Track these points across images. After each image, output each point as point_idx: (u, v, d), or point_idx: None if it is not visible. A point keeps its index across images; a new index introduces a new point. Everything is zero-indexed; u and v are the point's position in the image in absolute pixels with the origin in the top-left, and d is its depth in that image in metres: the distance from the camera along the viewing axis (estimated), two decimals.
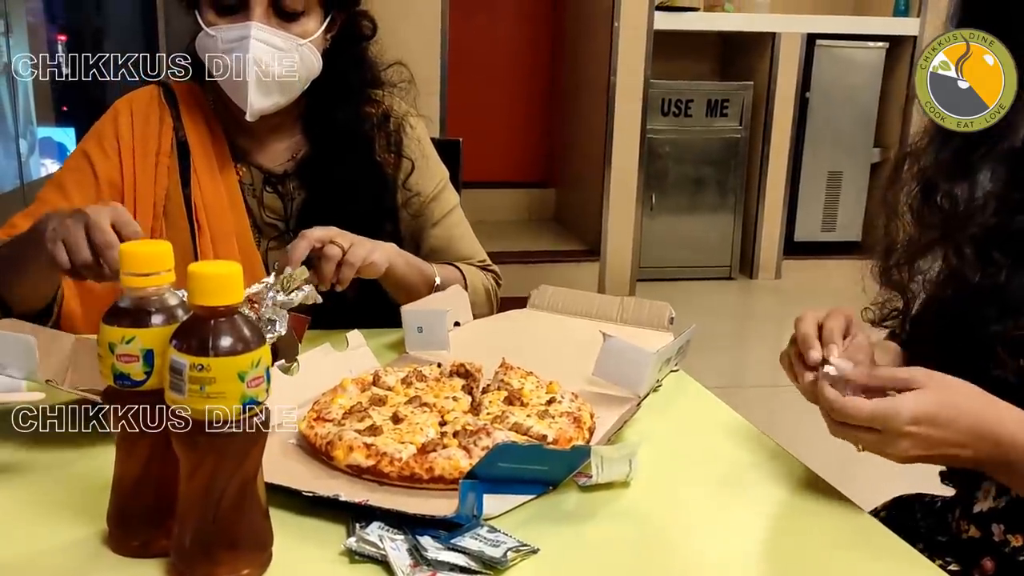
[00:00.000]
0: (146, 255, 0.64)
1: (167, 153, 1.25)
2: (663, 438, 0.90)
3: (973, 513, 0.86)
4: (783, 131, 4.51)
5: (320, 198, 1.28)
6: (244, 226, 1.26)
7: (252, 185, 1.29)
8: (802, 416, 1.07)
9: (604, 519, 0.74)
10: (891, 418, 0.72)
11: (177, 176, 1.25)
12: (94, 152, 1.25)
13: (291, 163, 1.30)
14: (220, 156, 1.27)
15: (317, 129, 1.30)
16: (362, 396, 0.91)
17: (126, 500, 0.66)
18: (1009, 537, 0.81)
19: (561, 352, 1.10)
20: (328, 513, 0.71)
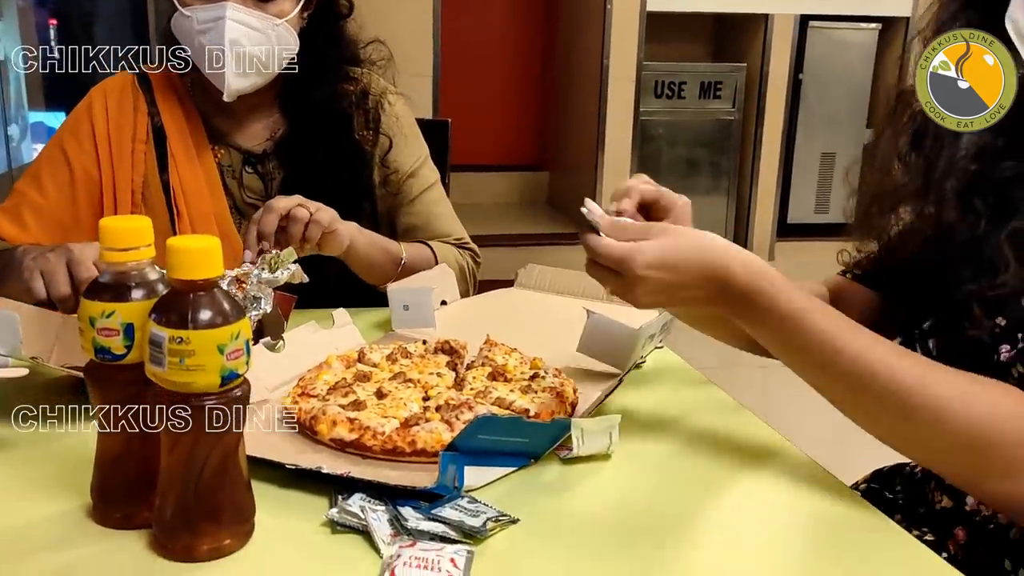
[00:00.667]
0: (126, 230, 0.64)
1: (143, 140, 1.25)
2: (645, 412, 0.91)
3: (945, 484, 0.87)
4: (776, 113, 4.51)
5: (299, 177, 1.28)
6: (223, 209, 1.26)
7: (231, 166, 1.29)
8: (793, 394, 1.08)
9: (584, 491, 0.75)
10: (628, 260, 0.75)
11: (154, 162, 1.25)
12: (69, 143, 1.25)
13: (270, 143, 1.31)
14: (197, 139, 1.27)
15: (295, 108, 1.30)
16: (347, 372, 0.92)
17: (108, 473, 0.67)
18: (982, 507, 0.82)
19: (546, 329, 1.11)
20: (311, 486, 0.72)
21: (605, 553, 0.66)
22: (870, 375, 0.72)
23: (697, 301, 0.79)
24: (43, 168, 1.25)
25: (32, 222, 1.23)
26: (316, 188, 1.24)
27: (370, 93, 1.34)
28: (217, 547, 0.63)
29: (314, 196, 1.21)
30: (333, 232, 1.13)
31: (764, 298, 0.76)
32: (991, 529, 0.80)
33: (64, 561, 0.63)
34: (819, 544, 0.71)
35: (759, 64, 4.46)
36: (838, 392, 0.76)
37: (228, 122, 1.30)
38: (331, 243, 1.14)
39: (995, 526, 0.80)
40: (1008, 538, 0.79)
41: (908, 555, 0.68)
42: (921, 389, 0.71)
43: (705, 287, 0.77)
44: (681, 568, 0.65)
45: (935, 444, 0.72)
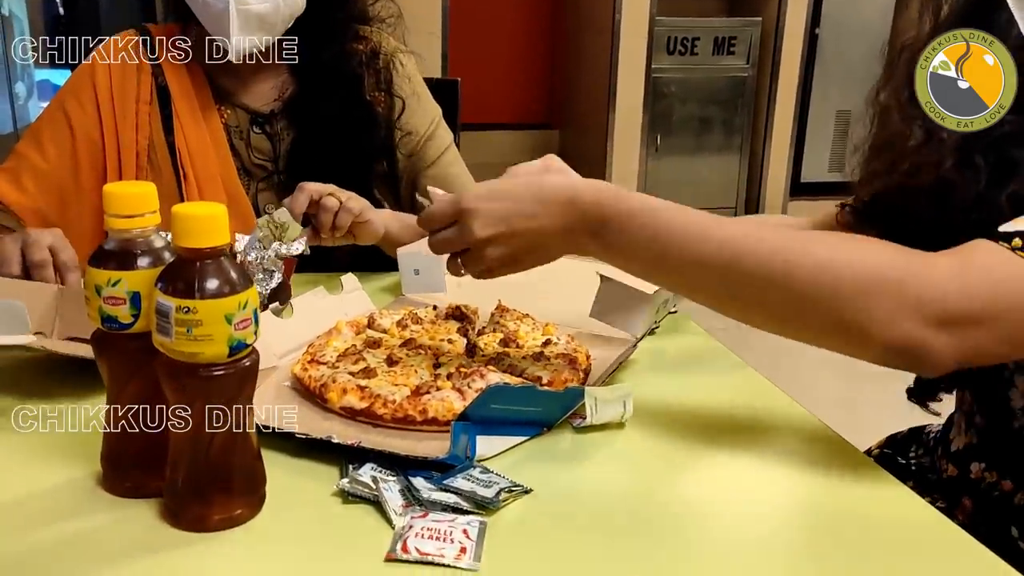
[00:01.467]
0: (130, 196, 0.63)
1: (147, 101, 1.23)
2: (659, 379, 0.90)
3: (951, 452, 0.86)
4: (791, 69, 4.44)
5: (309, 137, 1.26)
6: (230, 170, 1.25)
7: (238, 127, 1.28)
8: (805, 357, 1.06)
9: (598, 460, 0.74)
10: (456, 200, 0.76)
11: (159, 123, 1.23)
12: (71, 104, 1.23)
13: (278, 103, 1.28)
14: (203, 100, 1.25)
15: (304, 69, 1.27)
16: (356, 339, 0.91)
17: (118, 442, 0.66)
18: (986, 475, 0.81)
19: (558, 294, 1.09)
20: (321, 455, 0.71)
21: (619, 524, 0.65)
22: (741, 254, 0.70)
23: (545, 233, 0.75)
24: (44, 129, 1.24)
25: (31, 186, 1.22)
26: (326, 149, 1.22)
27: (380, 52, 1.32)
28: (228, 516, 0.63)
29: (325, 157, 1.19)
30: (366, 222, 1.13)
31: (616, 204, 0.73)
32: (996, 497, 0.80)
33: (75, 530, 0.63)
34: (833, 511, 0.69)
35: (775, 19, 4.37)
36: (712, 285, 0.73)
37: (235, 82, 1.28)
38: (365, 233, 1.14)
39: (999, 494, 0.79)
40: (1013, 504, 0.78)
41: (921, 520, 0.67)
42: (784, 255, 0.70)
43: (549, 209, 0.74)
44: (696, 537, 0.65)
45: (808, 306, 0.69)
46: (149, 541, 0.61)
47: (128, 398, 0.65)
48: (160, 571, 0.58)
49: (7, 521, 0.63)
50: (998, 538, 0.77)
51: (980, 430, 0.84)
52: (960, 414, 0.87)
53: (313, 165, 1.24)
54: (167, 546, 0.61)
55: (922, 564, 0.62)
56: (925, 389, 0.92)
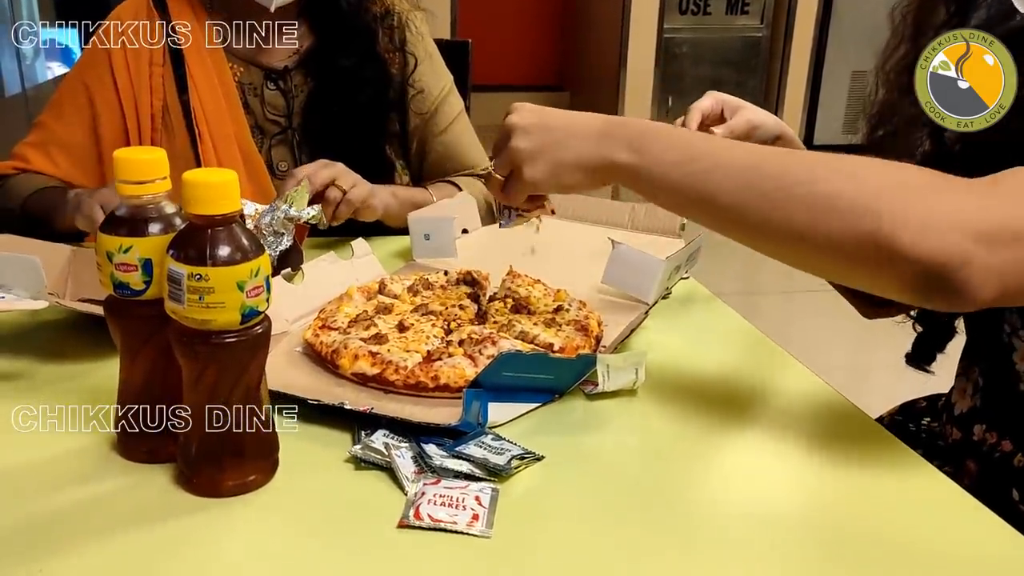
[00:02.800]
0: (141, 162, 0.62)
1: (159, 63, 1.23)
2: (672, 346, 0.90)
3: (955, 416, 0.86)
4: (806, 29, 4.36)
5: (325, 91, 1.27)
6: (243, 128, 1.25)
7: (252, 84, 1.27)
8: (816, 321, 1.06)
9: (610, 428, 0.74)
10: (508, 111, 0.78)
11: (173, 84, 1.23)
12: (89, 76, 1.24)
13: (293, 58, 1.29)
14: (215, 59, 1.25)
15: (322, 20, 1.28)
16: (368, 304, 0.90)
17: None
18: (987, 435, 0.82)
19: (570, 260, 1.08)
20: (334, 421, 0.72)
21: (631, 491, 0.65)
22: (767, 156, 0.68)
23: (577, 129, 0.75)
24: (65, 101, 1.25)
25: (60, 158, 1.24)
26: (342, 103, 1.23)
27: (394, 12, 1.31)
28: (242, 482, 0.63)
29: (339, 112, 1.19)
30: (368, 207, 1.14)
31: (656, 123, 0.74)
32: (996, 459, 0.80)
33: (90, 494, 0.63)
34: (843, 478, 0.70)
35: None
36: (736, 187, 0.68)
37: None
38: (365, 214, 1.16)
39: (1000, 455, 0.80)
40: (1013, 466, 0.78)
41: (928, 485, 0.68)
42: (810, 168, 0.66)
43: (589, 118, 0.76)
44: (707, 505, 0.65)
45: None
46: (163, 506, 0.62)
47: (141, 365, 0.66)
48: (174, 535, 0.59)
49: (24, 486, 0.64)
50: (1001, 500, 0.78)
51: (983, 393, 0.84)
52: (964, 379, 0.87)
53: (327, 121, 1.25)
54: (181, 511, 0.61)
55: (929, 528, 0.63)
56: (923, 353, 0.92)
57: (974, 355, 0.87)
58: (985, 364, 0.84)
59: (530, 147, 0.76)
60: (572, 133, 0.75)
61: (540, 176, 0.77)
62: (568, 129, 0.76)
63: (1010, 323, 0.79)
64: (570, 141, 0.75)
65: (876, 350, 1.88)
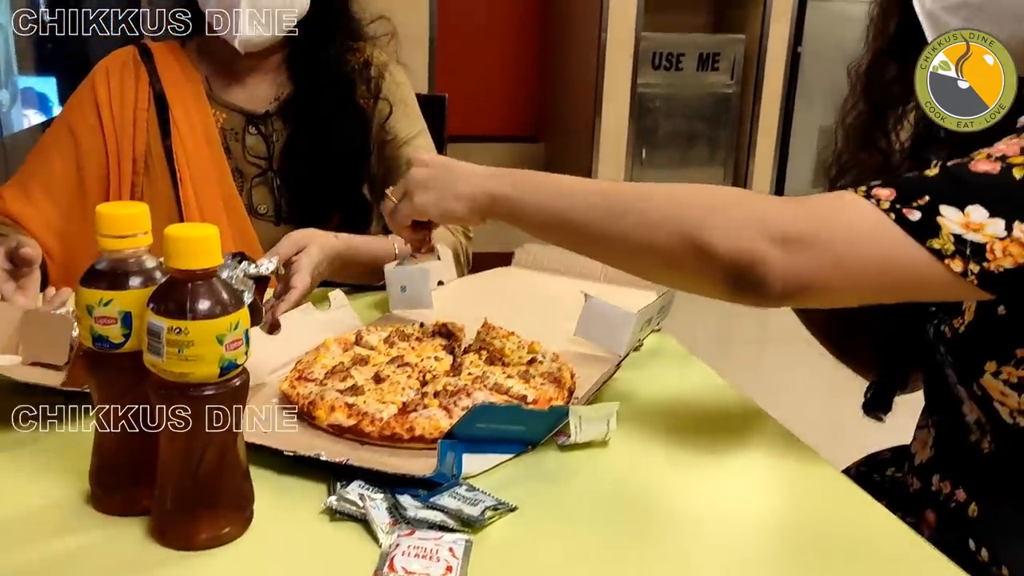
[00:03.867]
0: (123, 217, 0.63)
1: (144, 108, 1.27)
2: (642, 397, 0.91)
3: (915, 466, 0.88)
4: (774, 85, 4.49)
5: (303, 135, 1.30)
6: (224, 172, 1.28)
7: (233, 129, 1.31)
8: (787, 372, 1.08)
9: (582, 478, 0.76)
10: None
11: (157, 129, 1.27)
12: (75, 118, 1.27)
13: (274, 103, 1.32)
14: (199, 104, 1.29)
15: (303, 69, 1.31)
16: (344, 356, 0.91)
17: (107, 460, 0.67)
18: (942, 485, 0.84)
19: (544, 311, 1.10)
20: (309, 472, 0.72)
21: (604, 541, 0.66)
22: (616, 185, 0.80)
23: (469, 171, 0.86)
24: (50, 144, 1.27)
25: (41, 197, 1.25)
26: (318, 148, 1.26)
27: (373, 64, 1.35)
28: (216, 535, 0.63)
29: (316, 155, 1.25)
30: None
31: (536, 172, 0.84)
32: (953, 508, 0.82)
33: (63, 548, 0.63)
34: (809, 529, 0.71)
35: (758, 36, 4.43)
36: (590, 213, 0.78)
37: (232, 87, 1.32)
38: None
39: (956, 505, 0.82)
40: (968, 516, 0.80)
41: (891, 536, 0.69)
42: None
43: (480, 167, 0.86)
44: (678, 554, 0.66)
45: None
46: (137, 559, 0.62)
47: (117, 417, 0.66)
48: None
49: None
50: (959, 550, 0.80)
51: (937, 444, 0.87)
52: (924, 430, 0.89)
53: (306, 164, 1.29)
54: (155, 564, 0.61)
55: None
56: (878, 402, 0.95)
57: (931, 406, 0.89)
58: (939, 415, 0.87)
59: (425, 177, 0.87)
60: (465, 174, 0.86)
61: (427, 201, 0.87)
62: (462, 170, 0.86)
63: (950, 377, 0.82)
64: (460, 178, 0.86)
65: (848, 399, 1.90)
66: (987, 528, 0.79)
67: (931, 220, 0.67)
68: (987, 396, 0.77)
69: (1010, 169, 0.68)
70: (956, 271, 0.66)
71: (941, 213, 0.67)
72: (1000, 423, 0.78)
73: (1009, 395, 0.75)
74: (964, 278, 0.66)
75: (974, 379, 0.78)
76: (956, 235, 0.67)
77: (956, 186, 0.68)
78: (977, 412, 0.80)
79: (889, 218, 0.68)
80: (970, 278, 0.66)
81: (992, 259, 0.66)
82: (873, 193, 0.70)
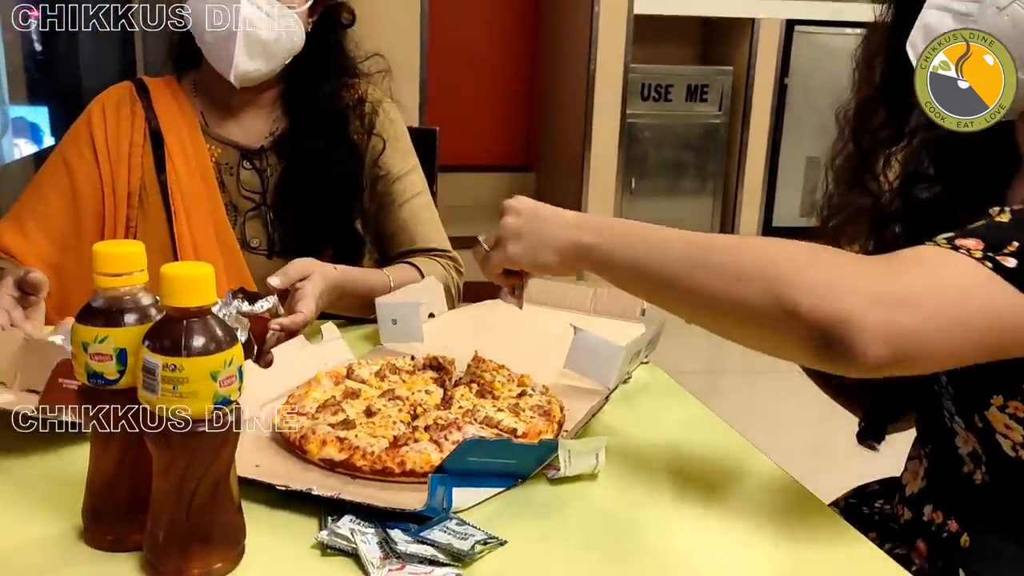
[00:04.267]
0: (119, 255, 0.64)
1: (140, 143, 1.28)
2: (632, 431, 0.92)
3: (906, 496, 0.89)
4: (762, 117, 4.53)
5: (297, 170, 1.31)
6: (219, 206, 1.29)
7: (228, 163, 1.32)
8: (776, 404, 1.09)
9: (572, 512, 0.76)
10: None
11: (152, 163, 1.28)
12: (70, 153, 1.28)
13: (269, 139, 1.34)
14: (194, 139, 1.30)
15: (297, 105, 1.33)
16: (336, 389, 0.92)
17: (100, 496, 0.67)
18: (934, 515, 0.85)
19: (533, 344, 1.11)
20: (301, 506, 0.73)
21: (593, 575, 0.67)
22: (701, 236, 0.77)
23: (559, 218, 0.84)
24: (45, 179, 1.28)
25: (35, 232, 1.25)
26: (312, 182, 1.28)
27: (367, 100, 1.37)
28: (208, 570, 0.64)
29: (310, 190, 1.25)
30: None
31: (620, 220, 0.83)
32: (944, 539, 0.83)
33: None
34: (795, 564, 0.72)
35: (745, 68, 4.49)
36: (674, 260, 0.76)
37: (227, 121, 1.34)
38: None
39: (947, 535, 0.82)
40: (959, 546, 0.81)
41: (878, 570, 0.70)
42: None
43: (567, 213, 0.85)
44: None
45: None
46: None
47: (112, 453, 0.67)
48: None
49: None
50: None
51: (930, 475, 0.88)
52: (916, 461, 0.90)
53: (299, 198, 1.30)
54: None
55: None
56: (872, 429, 0.96)
57: (923, 437, 0.91)
58: (931, 447, 0.88)
59: (517, 226, 0.85)
60: (554, 223, 0.84)
61: (519, 252, 0.85)
62: (552, 219, 0.85)
63: (948, 408, 0.83)
64: (550, 227, 0.84)
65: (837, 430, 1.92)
66: (979, 558, 0.80)
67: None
68: (989, 428, 0.78)
69: None
70: None
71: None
72: (998, 455, 0.78)
73: (1014, 428, 0.76)
74: None
75: (977, 412, 0.78)
76: None
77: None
78: (972, 444, 0.81)
79: (987, 268, 0.65)
80: None
81: None
82: (959, 244, 0.67)
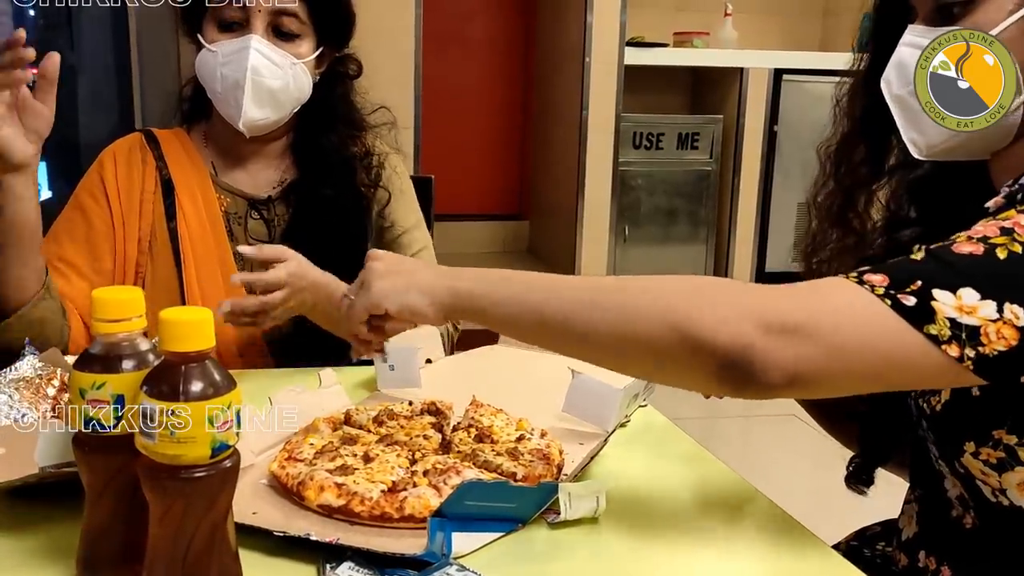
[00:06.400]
0: (117, 301, 0.65)
1: (151, 191, 1.31)
2: (631, 474, 0.92)
3: (902, 541, 0.88)
4: (752, 163, 4.59)
5: (305, 220, 1.33)
6: (227, 253, 1.30)
7: (237, 213, 1.34)
8: (775, 447, 1.08)
9: (572, 556, 0.75)
10: None
11: (162, 212, 1.30)
12: (86, 201, 1.30)
13: (277, 189, 1.36)
14: (204, 189, 1.32)
15: (305, 155, 1.36)
16: (333, 435, 0.92)
17: (96, 544, 0.67)
18: (928, 561, 0.84)
19: (531, 388, 1.11)
20: (299, 553, 0.72)
21: None
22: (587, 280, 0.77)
23: (428, 271, 0.82)
24: (61, 227, 1.30)
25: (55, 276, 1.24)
26: (319, 231, 1.30)
27: (374, 153, 1.39)
28: None
29: (318, 239, 1.27)
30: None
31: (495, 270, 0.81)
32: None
33: None
34: None
35: (735, 116, 4.55)
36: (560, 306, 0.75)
37: (236, 171, 1.36)
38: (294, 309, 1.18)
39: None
40: None
41: None
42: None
43: (437, 267, 0.84)
44: None
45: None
46: None
47: (107, 500, 0.66)
48: None
49: None
50: None
51: (921, 519, 0.87)
52: (910, 505, 0.90)
53: (306, 247, 1.29)
54: None
55: None
56: (860, 474, 0.95)
57: (915, 481, 0.90)
58: (922, 490, 0.87)
59: (383, 268, 0.84)
60: (425, 271, 0.83)
61: (386, 289, 0.82)
62: (423, 267, 0.84)
63: (933, 452, 0.82)
64: (421, 272, 0.83)
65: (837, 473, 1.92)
66: None
67: (926, 305, 0.66)
68: (969, 474, 0.77)
69: (993, 250, 0.67)
70: (953, 356, 0.65)
71: (935, 297, 0.66)
72: (983, 500, 0.78)
73: (990, 475, 0.75)
74: (960, 363, 0.65)
75: (955, 458, 0.78)
76: (951, 319, 0.66)
77: (945, 269, 0.68)
78: (959, 488, 0.80)
79: (885, 304, 0.67)
80: (966, 363, 0.65)
81: (987, 343, 0.65)
82: (866, 279, 0.69)
